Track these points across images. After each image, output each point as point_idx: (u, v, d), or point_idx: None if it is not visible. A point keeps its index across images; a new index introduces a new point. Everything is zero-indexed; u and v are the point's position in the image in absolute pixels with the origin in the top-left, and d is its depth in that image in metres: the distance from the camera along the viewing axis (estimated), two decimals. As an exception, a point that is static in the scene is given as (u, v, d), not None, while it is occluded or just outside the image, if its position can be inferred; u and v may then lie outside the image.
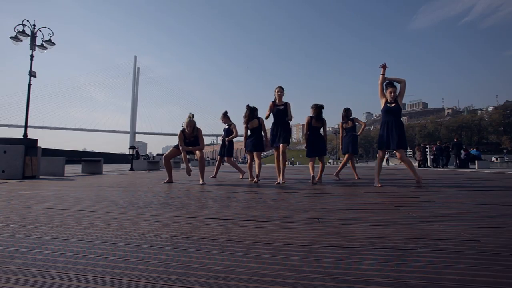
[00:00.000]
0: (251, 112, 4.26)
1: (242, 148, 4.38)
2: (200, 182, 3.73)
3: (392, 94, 3.52)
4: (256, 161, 4.17)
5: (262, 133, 4.36)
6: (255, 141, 4.26)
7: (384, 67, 3.57)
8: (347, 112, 5.01)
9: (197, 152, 3.89)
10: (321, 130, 4.11)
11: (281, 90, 3.94)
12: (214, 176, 5.15)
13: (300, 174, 6.94)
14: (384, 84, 3.61)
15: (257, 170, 4.01)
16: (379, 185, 3.39)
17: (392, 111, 3.54)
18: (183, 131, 3.82)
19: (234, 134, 5.11)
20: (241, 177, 5.05)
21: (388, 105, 3.57)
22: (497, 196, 2.50)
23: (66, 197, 2.36)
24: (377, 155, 3.84)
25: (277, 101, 3.95)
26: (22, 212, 1.70)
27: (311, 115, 4.12)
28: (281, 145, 3.83)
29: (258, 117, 4.33)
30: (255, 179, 4.00)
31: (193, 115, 3.87)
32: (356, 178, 4.81)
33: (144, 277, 0.75)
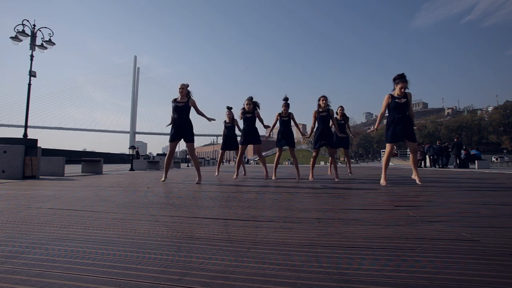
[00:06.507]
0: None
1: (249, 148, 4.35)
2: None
3: (402, 90, 3.29)
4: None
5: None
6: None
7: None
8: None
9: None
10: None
11: (325, 99, 4.14)
12: (241, 174, 4.90)
13: (301, 173, 6.92)
14: (395, 79, 3.36)
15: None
16: (385, 183, 3.32)
17: (402, 107, 3.29)
18: (175, 99, 3.86)
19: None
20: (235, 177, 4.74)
21: (397, 100, 3.32)
22: (497, 196, 2.50)
23: (66, 197, 2.36)
24: (386, 150, 3.47)
25: (321, 108, 4.13)
26: (22, 212, 1.70)
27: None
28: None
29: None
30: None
31: (187, 85, 3.88)
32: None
33: (144, 277, 0.75)
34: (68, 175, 5.57)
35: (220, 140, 5.62)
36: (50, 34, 7.87)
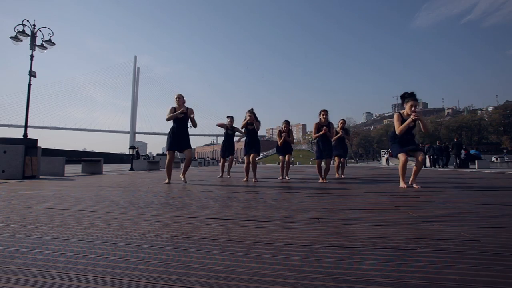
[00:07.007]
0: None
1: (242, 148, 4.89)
2: (182, 179, 3.98)
3: (413, 109, 3.17)
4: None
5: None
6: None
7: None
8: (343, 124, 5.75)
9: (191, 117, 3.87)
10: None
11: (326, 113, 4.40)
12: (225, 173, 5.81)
13: (300, 173, 6.93)
14: (404, 97, 3.28)
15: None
16: (405, 186, 3.26)
17: (410, 128, 3.24)
18: (174, 108, 3.92)
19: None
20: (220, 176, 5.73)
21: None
22: (497, 196, 2.50)
23: (66, 197, 2.36)
24: (400, 160, 3.37)
25: (321, 122, 4.38)
26: (22, 212, 1.70)
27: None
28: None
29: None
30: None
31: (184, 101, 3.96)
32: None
33: (144, 277, 0.75)
34: (68, 175, 5.57)
35: (220, 140, 6.14)
36: (50, 34, 7.88)
